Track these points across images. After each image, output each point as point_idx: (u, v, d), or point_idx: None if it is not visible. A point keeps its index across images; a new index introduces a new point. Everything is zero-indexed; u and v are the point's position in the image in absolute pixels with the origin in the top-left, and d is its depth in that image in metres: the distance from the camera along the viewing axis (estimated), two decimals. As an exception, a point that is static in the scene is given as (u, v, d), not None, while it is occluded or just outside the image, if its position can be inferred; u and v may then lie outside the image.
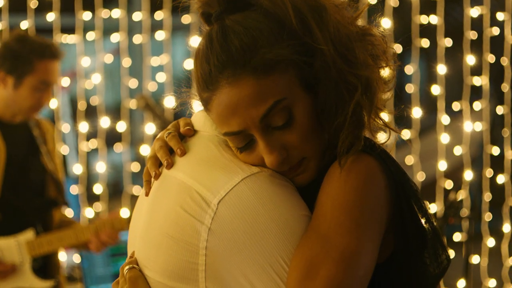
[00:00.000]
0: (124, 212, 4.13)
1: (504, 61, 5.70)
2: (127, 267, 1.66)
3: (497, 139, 5.94)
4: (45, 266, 3.94)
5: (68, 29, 5.57)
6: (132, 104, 5.37)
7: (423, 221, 1.63)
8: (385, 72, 1.65)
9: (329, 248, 1.49)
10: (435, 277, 1.65)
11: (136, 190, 5.48)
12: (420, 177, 5.70)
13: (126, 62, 5.62)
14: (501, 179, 5.79)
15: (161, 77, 5.61)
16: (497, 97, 5.94)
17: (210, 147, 1.64)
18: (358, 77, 1.56)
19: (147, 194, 1.68)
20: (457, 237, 5.66)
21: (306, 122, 1.56)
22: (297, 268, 1.49)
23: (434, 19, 5.58)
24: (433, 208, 5.60)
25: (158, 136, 1.74)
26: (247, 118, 1.54)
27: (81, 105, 5.48)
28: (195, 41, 1.70)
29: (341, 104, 1.57)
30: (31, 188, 3.89)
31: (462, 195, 5.56)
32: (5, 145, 3.79)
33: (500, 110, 5.81)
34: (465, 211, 5.31)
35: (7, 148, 3.80)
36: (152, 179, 1.69)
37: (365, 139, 1.60)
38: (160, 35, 5.55)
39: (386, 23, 5.26)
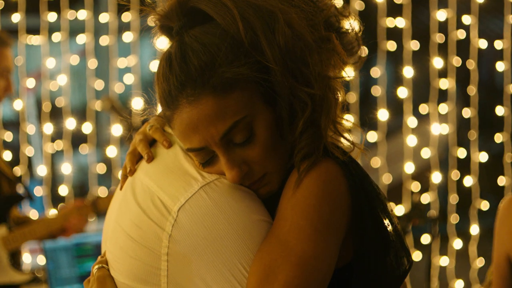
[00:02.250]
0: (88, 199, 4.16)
1: (471, 64, 5.73)
2: (96, 266, 1.68)
3: (463, 142, 5.98)
4: (19, 260, 3.97)
5: (34, 30, 5.51)
6: (98, 105, 5.33)
7: (386, 223, 1.63)
8: (349, 77, 1.65)
9: (288, 253, 1.50)
10: (396, 279, 1.66)
11: (102, 191, 5.44)
12: (387, 179, 5.71)
13: (93, 63, 5.57)
14: (468, 181, 5.82)
15: (129, 78, 5.57)
16: (464, 100, 5.97)
17: (176, 154, 1.64)
18: (309, 94, 1.55)
19: (121, 188, 1.70)
20: (425, 239, 5.68)
21: (267, 137, 1.57)
22: (256, 273, 1.50)
23: (401, 22, 5.60)
24: (400, 210, 5.62)
25: (139, 130, 1.75)
26: (208, 136, 1.55)
27: (46, 107, 5.44)
28: (162, 42, 1.69)
29: (295, 119, 1.57)
30: None
31: (429, 197, 5.60)
32: None
33: (467, 113, 5.84)
34: (432, 213, 5.34)
35: None
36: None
37: (331, 144, 1.59)
38: (127, 36, 5.51)
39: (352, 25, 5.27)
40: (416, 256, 5.73)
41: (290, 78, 1.54)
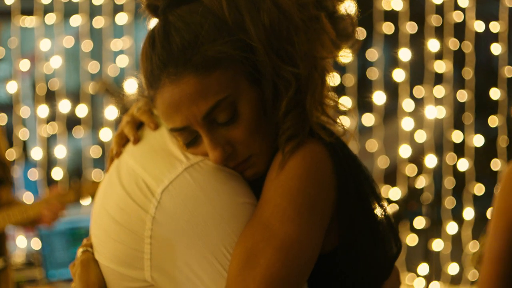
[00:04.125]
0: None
1: (468, 47, 5.71)
2: (81, 249, 1.66)
3: (459, 125, 5.96)
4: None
5: (28, 12, 5.47)
6: (92, 88, 5.31)
7: (374, 206, 1.61)
8: (338, 57, 1.62)
9: (270, 236, 1.47)
10: (386, 264, 1.64)
11: (97, 174, 5.43)
12: (383, 162, 5.70)
13: (88, 45, 5.54)
14: (463, 165, 5.81)
15: (124, 61, 5.54)
16: (460, 82, 5.95)
17: (162, 135, 1.63)
18: (294, 74, 1.53)
19: (107, 171, 1.68)
20: (419, 223, 5.68)
21: (252, 117, 1.54)
22: (238, 257, 1.48)
23: (398, 5, 5.57)
24: (396, 194, 5.61)
25: (127, 112, 1.73)
26: (190, 115, 1.53)
27: (41, 89, 5.41)
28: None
29: (278, 99, 1.55)
30: None
31: (424, 181, 5.59)
32: None
33: (463, 96, 5.83)
34: (428, 197, 5.34)
35: None
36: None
37: (317, 125, 1.57)
38: (122, 18, 5.47)
39: (350, 7, 5.24)
40: (412, 240, 5.73)
41: (274, 57, 1.52)
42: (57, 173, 5.46)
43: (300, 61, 1.54)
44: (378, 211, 1.61)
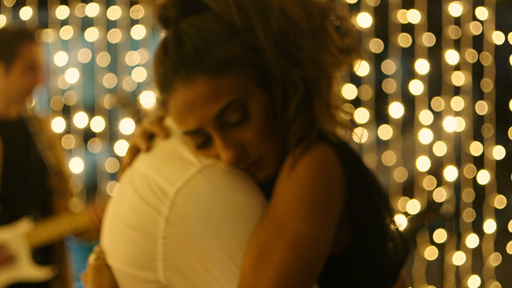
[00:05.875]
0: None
1: (488, 59, 5.67)
2: (93, 256, 1.70)
3: (479, 137, 5.91)
4: (46, 255, 3.93)
5: (44, 25, 5.48)
6: (109, 102, 5.32)
7: (382, 208, 1.65)
8: (348, 66, 1.67)
9: (282, 233, 1.52)
10: (393, 267, 1.67)
11: (113, 188, 5.42)
12: (402, 175, 5.66)
13: (104, 59, 5.54)
14: (484, 177, 5.75)
15: (141, 74, 5.54)
16: (478, 94, 5.91)
17: (174, 143, 1.67)
18: (302, 76, 1.58)
19: (119, 181, 1.72)
20: (439, 236, 5.63)
21: (262, 119, 1.59)
22: (251, 253, 1.52)
23: (416, 17, 5.54)
24: (415, 206, 5.57)
25: (140, 124, 1.79)
26: (202, 116, 1.58)
27: (57, 103, 5.42)
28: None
29: (287, 102, 1.60)
30: (30, 181, 3.91)
31: (445, 193, 5.55)
32: (2, 142, 3.83)
33: (482, 107, 5.78)
34: (448, 210, 5.30)
35: (4, 145, 3.83)
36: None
37: (325, 128, 1.62)
38: (139, 31, 5.48)
39: (366, 20, 5.23)
40: (431, 253, 5.68)
41: (282, 60, 1.58)
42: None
43: (307, 65, 1.59)
44: (385, 214, 1.66)
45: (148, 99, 1.74)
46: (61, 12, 5.41)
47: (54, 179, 3.95)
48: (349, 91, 5.36)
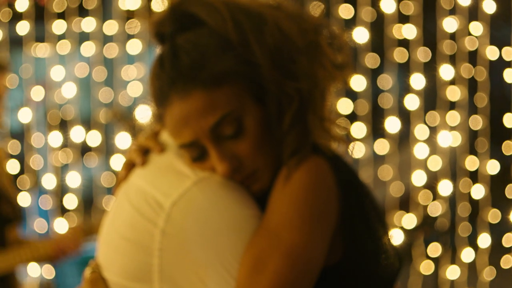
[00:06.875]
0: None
1: (483, 73, 5.68)
2: (88, 270, 1.71)
3: (474, 152, 5.92)
4: (9, 284, 3.85)
5: (41, 39, 5.49)
6: (105, 116, 5.32)
7: (375, 220, 1.67)
8: (341, 81, 1.70)
9: (277, 243, 1.54)
10: (387, 278, 1.69)
11: (109, 202, 5.40)
12: (398, 189, 5.66)
13: (101, 73, 5.54)
14: (479, 192, 5.76)
15: (137, 89, 5.54)
16: (473, 109, 5.92)
17: (169, 157, 1.68)
18: (296, 89, 1.61)
19: (115, 195, 1.74)
20: (433, 250, 5.63)
21: (257, 132, 1.62)
22: (246, 264, 1.54)
23: (411, 32, 5.55)
24: (410, 221, 5.57)
25: (136, 140, 1.81)
26: (198, 128, 1.60)
27: (54, 117, 5.41)
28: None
29: (282, 115, 1.62)
30: None
31: (441, 208, 5.55)
32: None
33: (477, 122, 5.79)
34: (443, 224, 5.30)
35: None
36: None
37: (319, 141, 1.64)
38: (136, 45, 5.48)
39: (362, 35, 5.24)
40: (427, 267, 5.68)
41: (277, 73, 1.60)
42: (70, 201, 5.45)
43: (302, 78, 1.61)
44: (379, 226, 1.68)
45: (144, 114, 1.76)
46: (58, 26, 5.41)
47: (4, 206, 3.84)
48: (345, 105, 5.37)
